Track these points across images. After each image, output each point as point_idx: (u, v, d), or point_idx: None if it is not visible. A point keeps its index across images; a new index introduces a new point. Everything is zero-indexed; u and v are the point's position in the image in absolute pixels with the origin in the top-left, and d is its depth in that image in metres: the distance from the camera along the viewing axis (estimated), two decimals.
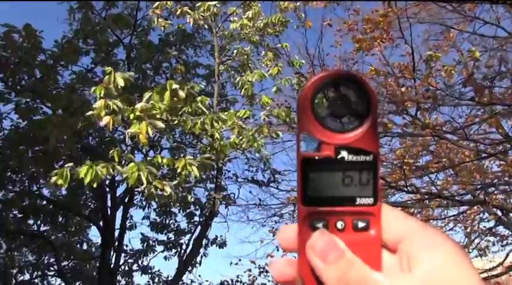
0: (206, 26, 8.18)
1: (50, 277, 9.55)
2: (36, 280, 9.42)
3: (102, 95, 4.29)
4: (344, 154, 0.42)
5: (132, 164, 4.20)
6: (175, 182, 4.80)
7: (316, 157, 0.42)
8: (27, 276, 9.22)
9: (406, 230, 0.41)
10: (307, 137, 0.42)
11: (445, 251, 0.38)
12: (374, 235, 0.42)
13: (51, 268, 9.43)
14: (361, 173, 0.42)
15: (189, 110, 4.97)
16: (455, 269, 0.37)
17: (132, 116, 4.24)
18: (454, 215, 7.66)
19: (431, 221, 7.29)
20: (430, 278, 0.37)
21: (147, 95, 4.51)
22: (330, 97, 0.42)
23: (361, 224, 0.42)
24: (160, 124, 4.25)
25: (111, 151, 4.39)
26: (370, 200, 0.42)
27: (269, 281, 9.16)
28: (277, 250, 8.30)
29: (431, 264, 0.38)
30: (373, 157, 0.42)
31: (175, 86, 4.46)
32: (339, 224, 0.42)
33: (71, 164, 4.14)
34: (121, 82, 4.28)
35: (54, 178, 4.00)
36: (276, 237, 0.46)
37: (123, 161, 4.56)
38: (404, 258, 0.40)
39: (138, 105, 4.36)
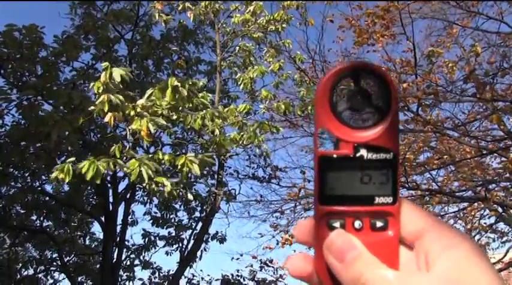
0: (208, 22, 8.17)
1: (53, 272, 9.64)
2: (40, 275, 9.51)
3: (101, 91, 4.29)
4: (363, 152, 0.40)
5: (133, 160, 4.20)
6: (176, 179, 4.81)
7: (334, 155, 0.40)
8: (31, 271, 9.32)
9: (424, 227, 0.40)
10: (325, 134, 0.40)
11: (463, 250, 0.37)
12: (392, 235, 0.41)
13: (55, 263, 9.51)
14: (380, 171, 0.40)
15: (190, 105, 4.95)
16: (474, 269, 0.36)
17: (132, 112, 4.24)
18: (454, 212, 7.66)
19: None
20: (448, 278, 0.36)
21: (148, 92, 4.51)
22: (349, 92, 0.40)
23: (379, 224, 0.41)
24: (162, 121, 4.24)
25: (112, 148, 4.38)
26: (389, 199, 0.41)
27: (270, 276, 9.21)
28: (277, 244, 8.33)
29: (449, 264, 0.37)
30: (393, 155, 0.40)
31: (176, 83, 4.46)
32: (357, 224, 0.41)
33: (72, 159, 4.14)
34: (118, 78, 4.26)
35: (55, 173, 3.99)
36: (292, 231, 0.45)
37: (125, 158, 4.57)
38: (421, 256, 0.39)
39: (139, 102, 4.36)
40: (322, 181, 0.41)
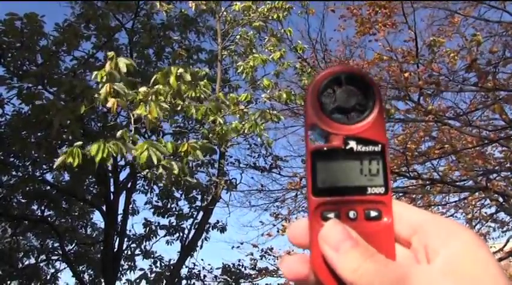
0: (209, 11, 8.12)
1: (54, 261, 9.68)
2: (41, 264, 9.55)
3: (104, 80, 4.26)
4: (353, 144, 0.42)
5: (141, 143, 4.18)
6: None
7: (325, 148, 0.42)
8: (32, 261, 9.36)
9: (420, 221, 0.40)
10: (316, 129, 0.42)
11: (464, 239, 0.37)
12: (386, 224, 0.42)
13: (56, 252, 9.55)
14: (370, 163, 0.42)
15: (193, 94, 4.92)
16: (475, 260, 0.36)
17: (137, 98, 4.22)
18: (455, 201, 7.69)
19: (432, 207, 7.31)
20: (451, 267, 0.36)
21: (151, 79, 4.48)
22: (336, 92, 0.43)
23: (373, 213, 0.42)
24: (165, 105, 4.22)
25: (119, 132, 4.32)
26: (382, 190, 0.42)
27: (271, 265, 9.25)
28: (277, 231, 8.35)
29: (450, 255, 0.37)
30: (381, 147, 0.42)
31: (180, 70, 4.44)
32: (351, 214, 0.42)
33: (80, 142, 4.09)
34: (124, 68, 4.24)
35: (61, 158, 3.94)
36: (286, 233, 0.45)
37: (131, 142, 4.54)
38: (421, 249, 0.39)
39: (141, 89, 4.34)
40: (314, 173, 0.42)
